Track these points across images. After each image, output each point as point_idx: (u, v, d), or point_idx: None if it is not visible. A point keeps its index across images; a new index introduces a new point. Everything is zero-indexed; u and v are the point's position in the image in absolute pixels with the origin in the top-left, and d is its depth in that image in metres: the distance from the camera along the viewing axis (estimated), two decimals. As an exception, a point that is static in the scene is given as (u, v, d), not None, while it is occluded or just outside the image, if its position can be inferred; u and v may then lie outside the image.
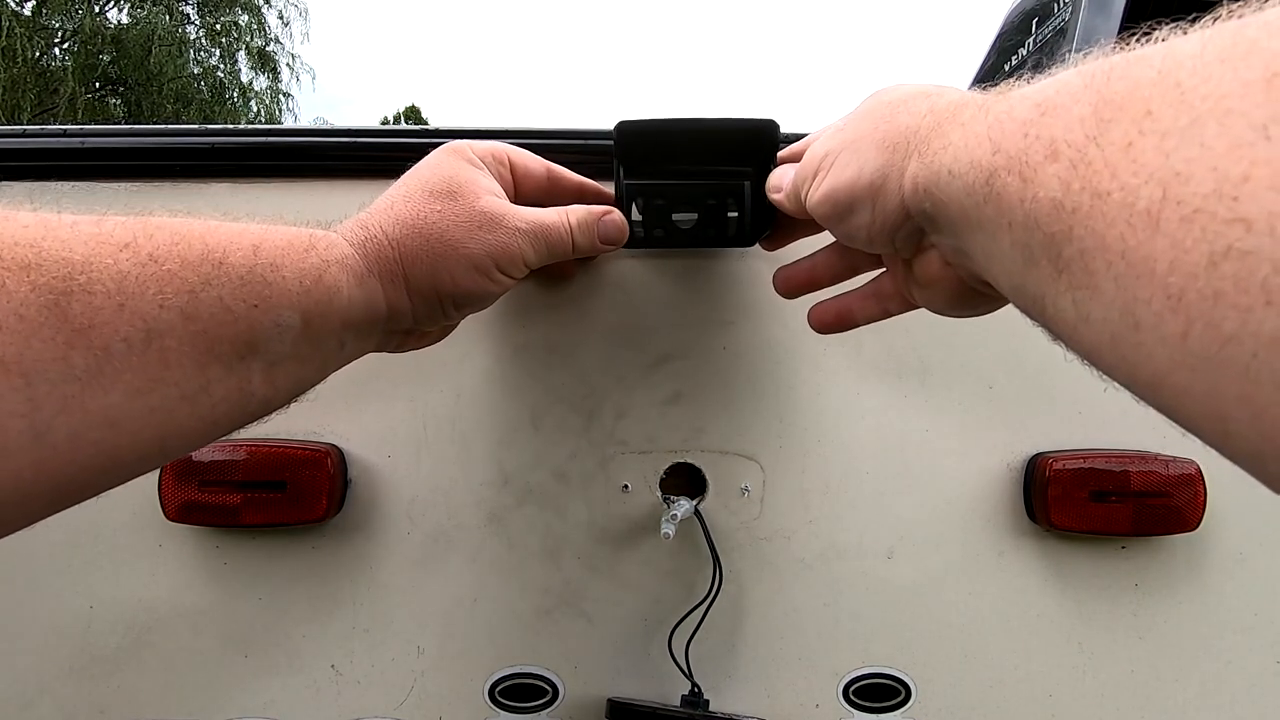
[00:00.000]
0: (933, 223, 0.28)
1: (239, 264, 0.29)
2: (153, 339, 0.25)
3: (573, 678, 0.52)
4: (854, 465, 0.52)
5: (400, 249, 0.37)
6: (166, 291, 0.26)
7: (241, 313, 0.29)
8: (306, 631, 0.51)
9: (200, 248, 0.28)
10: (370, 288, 0.36)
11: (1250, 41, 0.16)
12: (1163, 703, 0.52)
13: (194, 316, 0.27)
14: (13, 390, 0.21)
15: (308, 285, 0.32)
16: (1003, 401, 0.52)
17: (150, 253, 0.26)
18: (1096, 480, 0.50)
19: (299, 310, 0.31)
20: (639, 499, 0.52)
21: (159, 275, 0.26)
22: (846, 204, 0.33)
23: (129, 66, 12.05)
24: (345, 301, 0.34)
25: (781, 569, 0.52)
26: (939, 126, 0.27)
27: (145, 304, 0.25)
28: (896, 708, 0.52)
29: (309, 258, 0.32)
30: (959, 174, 0.25)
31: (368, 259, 0.36)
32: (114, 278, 0.24)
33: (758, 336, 0.52)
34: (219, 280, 0.28)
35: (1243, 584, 0.52)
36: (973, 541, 0.52)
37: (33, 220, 0.24)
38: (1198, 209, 0.16)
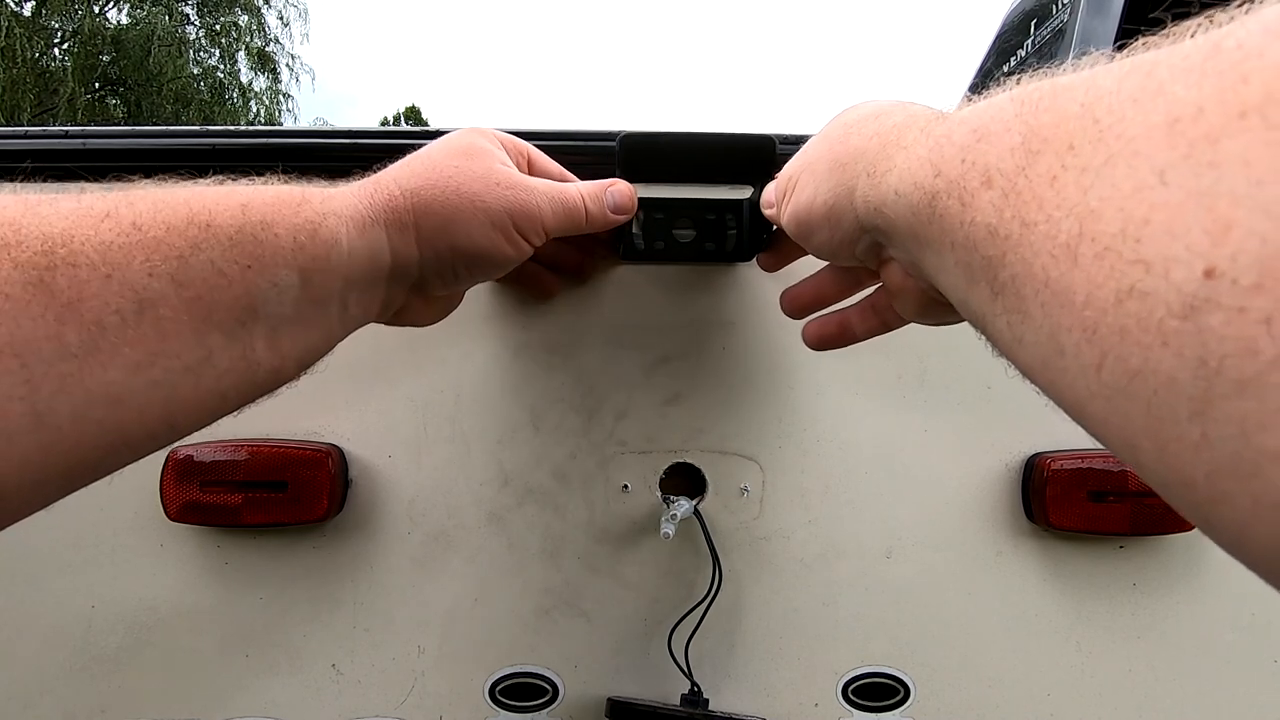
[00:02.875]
0: (887, 237, 0.29)
1: (227, 224, 0.28)
2: (145, 309, 0.25)
3: (573, 677, 0.52)
4: (853, 465, 0.52)
5: (414, 199, 0.35)
6: (154, 259, 0.25)
7: (235, 275, 0.28)
8: (307, 631, 0.51)
9: (185, 211, 0.27)
10: (374, 237, 0.34)
11: (1159, 85, 0.16)
12: (1160, 701, 0.52)
13: (186, 282, 0.26)
14: (8, 372, 0.21)
15: (302, 241, 0.30)
16: (1001, 402, 0.52)
17: (133, 221, 0.25)
18: (1094, 480, 0.50)
19: (295, 268, 0.30)
20: (639, 499, 0.52)
21: (144, 242, 0.25)
22: (807, 223, 0.34)
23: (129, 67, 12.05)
24: (345, 255, 0.32)
25: (781, 569, 0.53)
26: (884, 149, 0.28)
27: (133, 273, 0.24)
28: (895, 707, 0.52)
29: (302, 211, 0.31)
30: (904, 194, 0.26)
31: (374, 207, 0.34)
32: (97, 249, 0.24)
33: (757, 337, 0.52)
34: (208, 243, 0.27)
35: (1240, 583, 0.52)
36: (971, 541, 0.52)
37: (11, 200, 0.24)
38: (1107, 247, 0.16)
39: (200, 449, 0.49)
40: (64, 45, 12.06)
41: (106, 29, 12.09)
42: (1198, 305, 0.14)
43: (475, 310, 0.52)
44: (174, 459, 0.48)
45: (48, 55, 11.85)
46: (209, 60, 13.19)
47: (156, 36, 11.92)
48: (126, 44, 11.95)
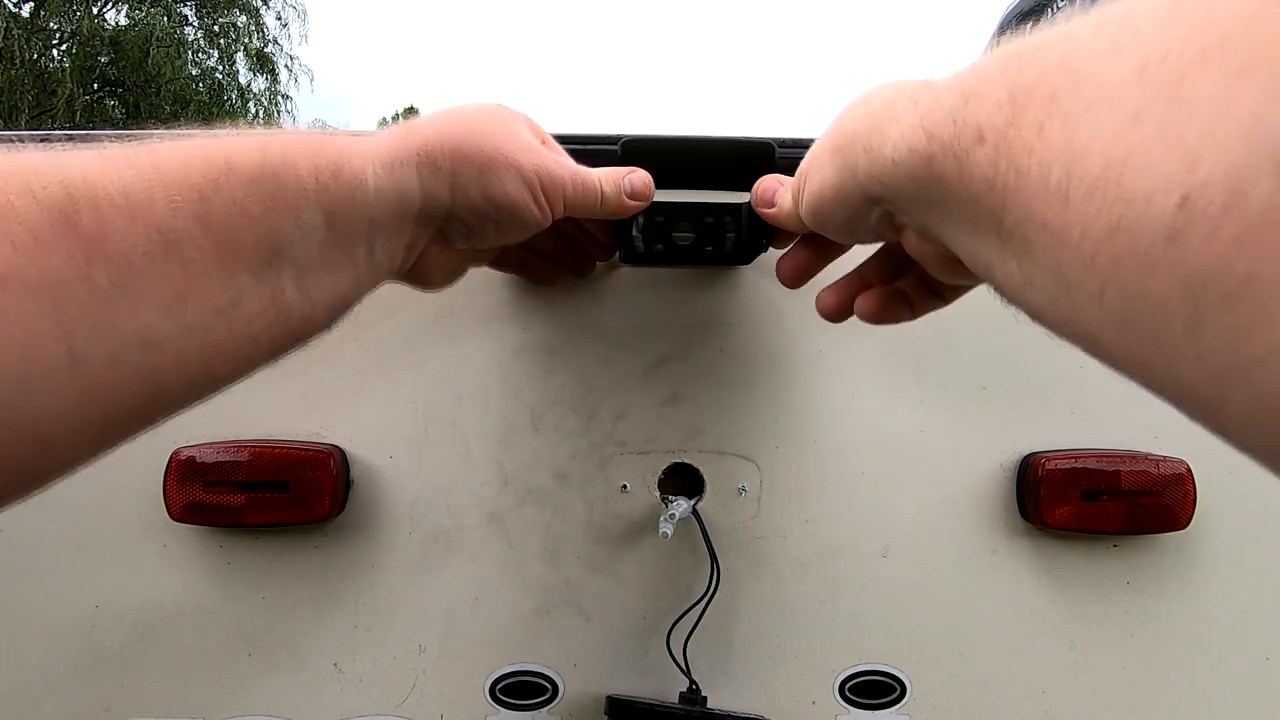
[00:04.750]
0: (894, 206, 0.30)
1: (247, 162, 0.28)
2: (171, 248, 0.24)
3: (572, 675, 0.53)
4: (850, 465, 0.53)
5: (451, 143, 0.35)
6: (176, 197, 0.25)
7: (258, 214, 0.27)
8: (309, 630, 0.52)
9: (203, 152, 0.27)
10: (402, 176, 0.34)
11: (1134, 32, 0.18)
12: (1154, 699, 0.53)
13: (209, 221, 0.26)
14: (42, 314, 0.21)
15: (325, 180, 0.30)
16: (996, 402, 0.53)
17: (152, 163, 0.25)
18: (1088, 480, 0.50)
19: (320, 208, 0.30)
20: (638, 499, 0.53)
21: (164, 181, 0.25)
22: (821, 211, 0.34)
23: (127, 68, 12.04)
24: (372, 194, 0.32)
25: (778, 568, 0.53)
26: (877, 125, 0.29)
27: (156, 212, 0.24)
28: (892, 705, 0.53)
29: (325, 151, 0.31)
30: (901, 162, 0.26)
31: (406, 148, 0.34)
32: (119, 189, 0.24)
33: (755, 338, 0.53)
34: (228, 180, 0.27)
35: (1232, 581, 0.53)
36: (967, 540, 0.53)
37: (30, 149, 0.23)
38: (1094, 185, 0.17)
39: (203, 450, 0.49)
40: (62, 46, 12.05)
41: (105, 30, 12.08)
42: (1178, 230, 0.15)
43: (475, 312, 0.52)
44: (176, 460, 0.49)
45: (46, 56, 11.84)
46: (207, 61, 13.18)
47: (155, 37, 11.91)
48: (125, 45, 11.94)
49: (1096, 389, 0.53)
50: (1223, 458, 0.53)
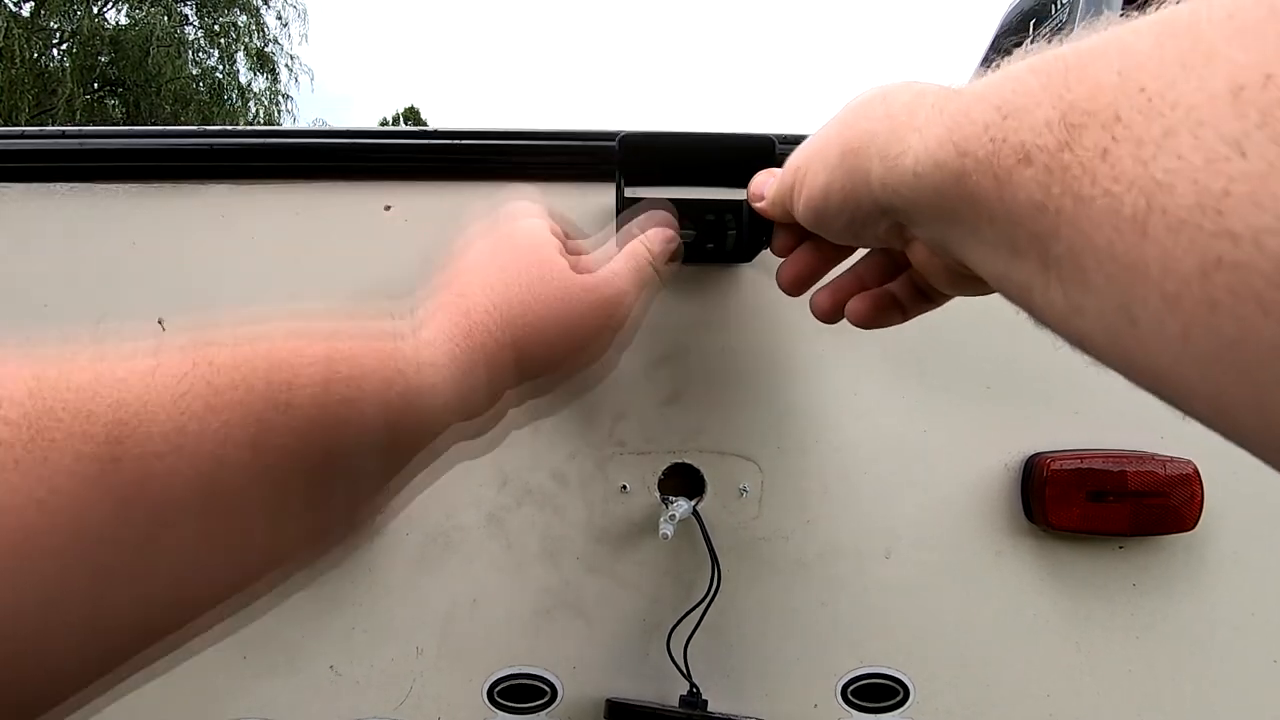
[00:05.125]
0: (908, 218, 0.29)
1: (310, 383, 0.26)
2: (213, 496, 0.23)
3: (571, 678, 0.52)
4: (852, 466, 0.52)
5: (514, 335, 0.34)
6: (231, 426, 0.24)
7: (317, 440, 0.26)
8: (305, 632, 0.51)
9: (264, 369, 0.25)
10: (471, 383, 0.32)
11: (1209, 47, 0.16)
12: (1160, 702, 0.52)
13: (264, 449, 0.24)
14: (71, 567, 0.20)
15: (392, 400, 0.28)
16: (1000, 402, 0.52)
17: (209, 381, 0.24)
18: (1094, 480, 0.50)
19: (381, 443, 0.28)
20: (637, 499, 0.52)
21: (219, 407, 0.23)
22: (824, 211, 0.33)
23: (127, 67, 12.05)
24: (440, 410, 0.30)
25: (780, 569, 0.52)
26: (895, 131, 0.27)
27: (205, 443, 0.23)
28: (894, 708, 0.52)
29: (393, 362, 0.29)
30: (925, 176, 0.25)
31: (471, 348, 0.32)
32: (171, 418, 0.22)
33: (756, 338, 0.52)
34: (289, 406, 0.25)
35: (1239, 583, 0.52)
36: (970, 541, 0.52)
37: (85, 363, 0.22)
38: (1183, 220, 0.16)
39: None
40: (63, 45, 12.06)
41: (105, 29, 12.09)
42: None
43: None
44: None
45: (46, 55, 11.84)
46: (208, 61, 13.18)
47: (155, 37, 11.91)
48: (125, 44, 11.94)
49: (1102, 389, 0.52)
50: (1230, 459, 0.52)
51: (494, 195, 0.52)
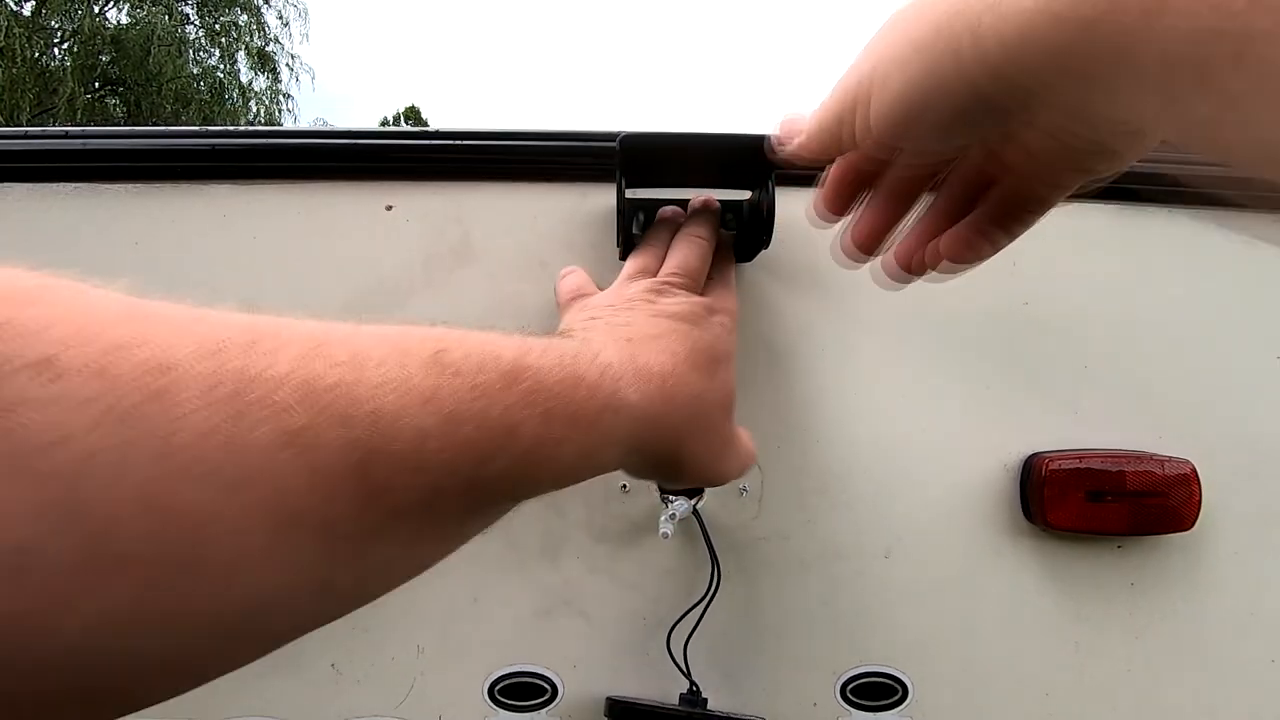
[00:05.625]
0: (1025, 91, 0.25)
1: (529, 435, 0.26)
2: (436, 502, 0.24)
3: (572, 677, 0.52)
4: (852, 466, 0.53)
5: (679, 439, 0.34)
6: (459, 460, 0.24)
7: (516, 482, 0.27)
8: (307, 631, 0.51)
9: (498, 411, 0.25)
10: (621, 456, 0.32)
11: None
12: (1158, 701, 0.53)
13: (475, 484, 0.25)
14: (314, 549, 0.21)
15: (579, 464, 0.29)
16: (999, 402, 0.52)
17: (451, 411, 0.24)
18: (1093, 480, 0.50)
19: (556, 482, 0.29)
20: (637, 499, 0.52)
21: (455, 441, 0.24)
22: (908, 113, 0.29)
23: (128, 67, 12.05)
24: (594, 473, 0.31)
25: (779, 569, 0.53)
26: (983, 3, 0.24)
27: (438, 470, 0.23)
28: (893, 706, 0.53)
29: (593, 433, 0.29)
30: (1038, 36, 0.22)
31: (639, 435, 0.32)
32: (415, 438, 0.22)
33: (755, 338, 0.52)
34: (506, 453, 0.26)
35: (1238, 583, 0.53)
36: (970, 541, 0.52)
37: (345, 355, 0.22)
38: None
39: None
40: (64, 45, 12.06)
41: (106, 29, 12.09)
42: None
43: (475, 311, 0.52)
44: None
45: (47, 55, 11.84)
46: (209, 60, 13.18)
47: (156, 36, 11.91)
48: (126, 44, 11.95)
49: (1101, 388, 0.53)
50: (1229, 458, 0.52)
51: (495, 196, 0.52)
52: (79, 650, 0.17)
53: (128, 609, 0.17)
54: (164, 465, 0.17)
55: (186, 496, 0.17)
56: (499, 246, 0.52)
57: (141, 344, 0.18)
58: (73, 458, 0.16)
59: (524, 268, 0.52)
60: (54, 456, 0.16)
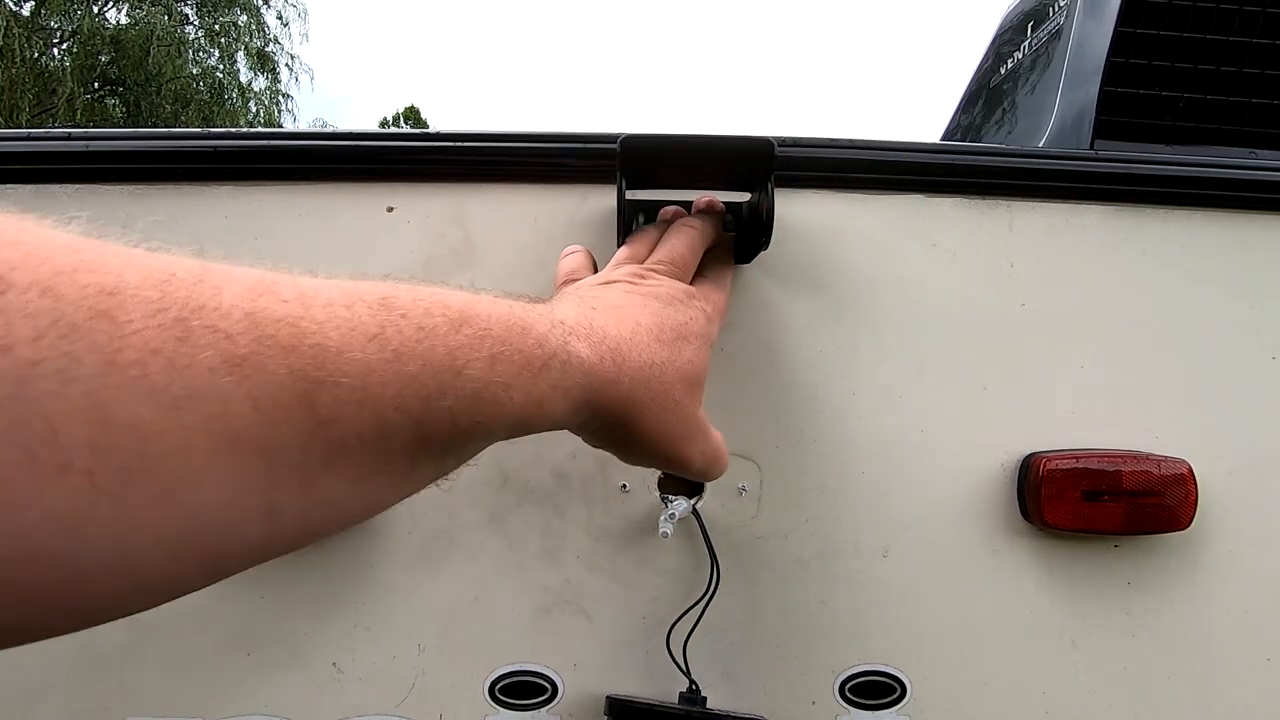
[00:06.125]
0: None
1: (475, 377, 0.27)
2: (383, 438, 0.25)
3: (572, 675, 0.53)
4: (850, 465, 0.53)
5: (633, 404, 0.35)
6: (404, 395, 0.25)
7: (465, 426, 0.27)
8: (308, 629, 0.52)
9: (443, 350, 0.26)
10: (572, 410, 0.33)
11: None
12: (1155, 700, 0.53)
13: (422, 423, 0.26)
14: (259, 474, 0.21)
15: (529, 412, 0.30)
16: (997, 402, 0.53)
17: (396, 349, 0.25)
18: (1089, 480, 0.50)
19: (509, 429, 0.30)
20: (637, 498, 0.53)
21: (400, 376, 0.25)
22: None
23: (128, 67, 12.03)
24: (546, 425, 0.32)
25: (778, 568, 0.53)
26: None
27: (383, 405, 0.24)
28: (892, 705, 0.53)
29: (540, 380, 0.30)
30: None
31: (590, 390, 0.33)
32: (360, 372, 0.23)
33: (755, 338, 0.53)
34: (453, 393, 0.26)
35: (1234, 582, 0.53)
36: (967, 540, 0.53)
37: (292, 294, 0.23)
38: None
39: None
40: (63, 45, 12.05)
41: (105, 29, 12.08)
42: None
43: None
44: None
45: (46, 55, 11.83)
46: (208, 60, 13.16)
47: (156, 36, 11.89)
48: (125, 44, 11.93)
49: (1098, 389, 0.53)
50: (1224, 458, 0.53)
51: (496, 197, 0.52)
52: (27, 551, 0.18)
53: (73, 514, 0.18)
54: (108, 379, 0.18)
55: (130, 410, 0.18)
56: (500, 248, 0.52)
57: (90, 269, 0.19)
58: (15, 364, 0.17)
59: (525, 269, 0.52)
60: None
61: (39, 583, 0.18)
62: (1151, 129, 0.73)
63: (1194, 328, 0.53)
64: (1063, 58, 0.84)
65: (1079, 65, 0.79)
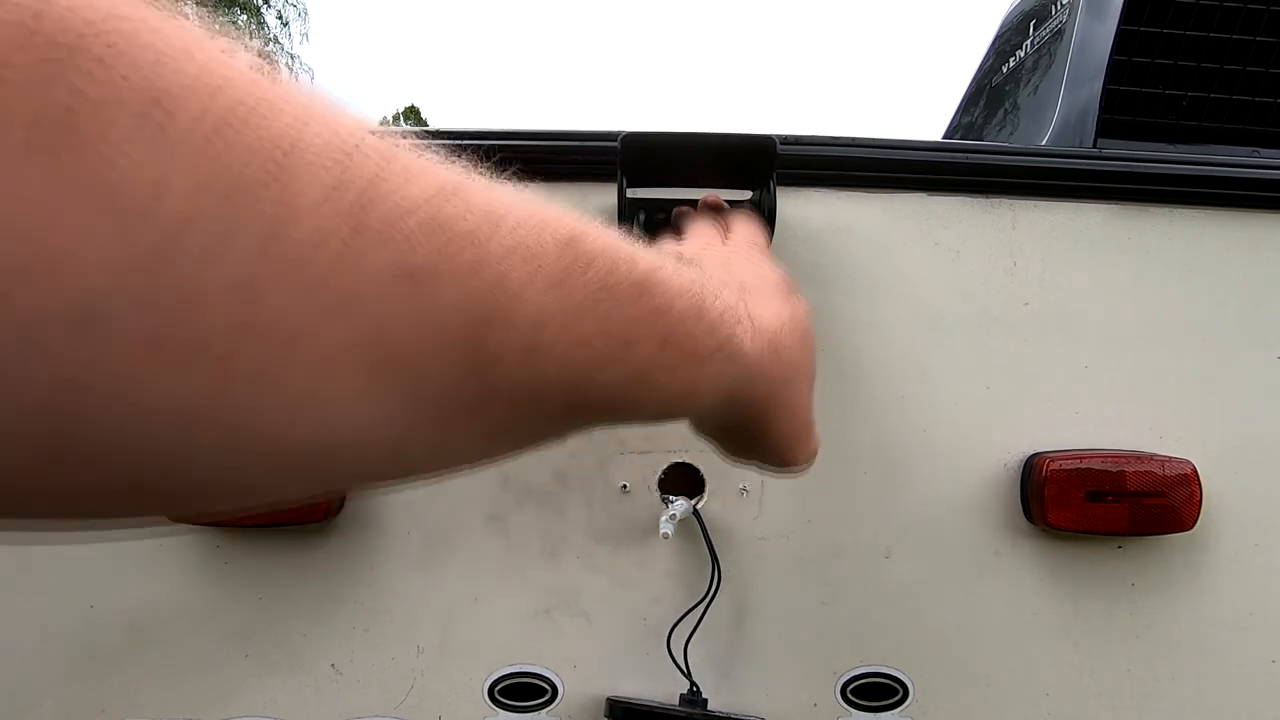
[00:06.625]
0: None
1: (644, 354, 0.24)
2: (535, 396, 0.22)
3: (572, 677, 0.52)
4: (852, 465, 0.53)
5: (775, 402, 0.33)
6: (570, 357, 0.22)
7: (616, 402, 0.25)
8: (307, 631, 0.51)
9: (619, 319, 0.23)
10: (719, 402, 0.31)
11: None
12: (1158, 701, 0.53)
13: (577, 390, 0.23)
14: (399, 404, 0.19)
15: (681, 399, 0.27)
16: (1000, 402, 0.52)
17: (578, 303, 0.22)
18: (1093, 480, 0.50)
19: (655, 414, 0.27)
20: (638, 499, 0.52)
21: (571, 335, 0.22)
22: None
23: (127, 67, 12.03)
24: (688, 413, 0.30)
25: (780, 568, 0.53)
26: None
27: (547, 362, 0.21)
28: (893, 707, 0.52)
29: (703, 370, 0.27)
30: None
31: (742, 386, 0.31)
32: (534, 319, 0.20)
33: (756, 337, 0.52)
34: (618, 365, 0.24)
35: (1238, 583, 0.53)
36: (970, 541, 0.52)
37: (481, 206, 0.20)
38: None
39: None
40: (63, 45, 12.04)
41: (105, 29, 12.07)
42: None
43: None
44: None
45: (47, 55, 11.81)
46: (208, 60, 13.16)
47: (155, 36, 11.90)
48: (125, 44, 11.93)
49: (1101, 389, 0.53)
50: (1229, 458, 0.52)
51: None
52: (135, 436, 0.15)
53: (190, 406, 0.15)
54: (264, 264, 0.15)
55: (280, 304, 0.16)
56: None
57: (265, 116, 0.15)
58: (169, 216, 0.14)
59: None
60: (149, 205, 0.14)
61: (132, 478, 0.16)
62: (1155, 128, 0.73)
63: (1198, 327, 0.53)
64: (1065, 56, 0.84)
65: (1081, 64, 0.79)
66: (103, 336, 0.14)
